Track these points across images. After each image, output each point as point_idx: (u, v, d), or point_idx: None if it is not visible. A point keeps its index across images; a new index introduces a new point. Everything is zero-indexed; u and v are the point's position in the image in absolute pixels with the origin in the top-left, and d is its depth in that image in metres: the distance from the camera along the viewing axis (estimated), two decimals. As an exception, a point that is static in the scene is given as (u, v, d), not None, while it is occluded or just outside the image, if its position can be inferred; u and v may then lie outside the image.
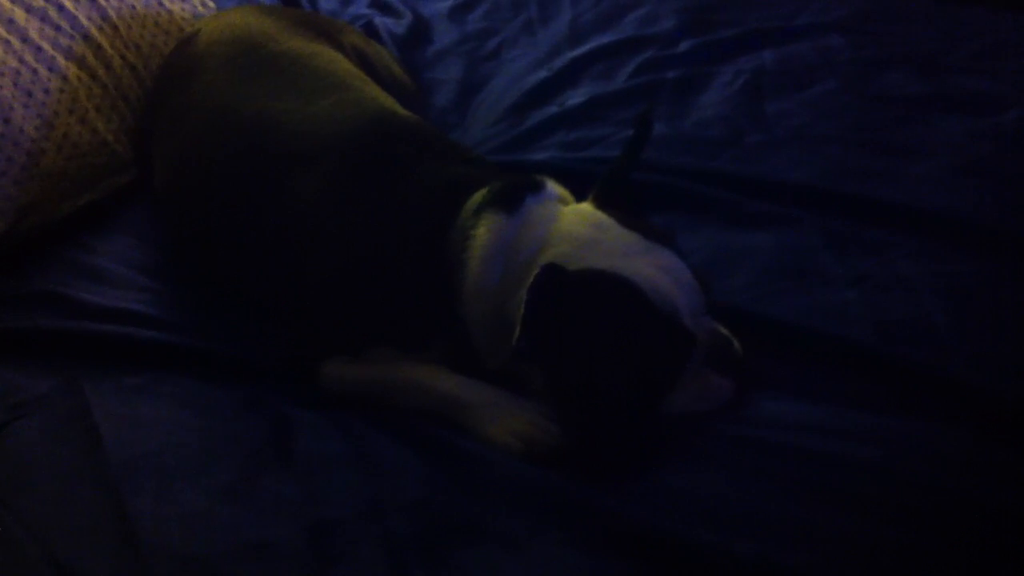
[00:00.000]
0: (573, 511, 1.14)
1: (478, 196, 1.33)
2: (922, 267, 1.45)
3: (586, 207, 1.35)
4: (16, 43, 1.55)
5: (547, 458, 1.22)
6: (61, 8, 1.63)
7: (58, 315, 1.39)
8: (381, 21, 2.04)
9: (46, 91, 1.55)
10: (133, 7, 1.74)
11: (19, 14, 1.58)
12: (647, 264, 1.26)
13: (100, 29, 1.67)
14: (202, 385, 1.31)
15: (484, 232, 1.29)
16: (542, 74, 1.90)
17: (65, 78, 1.59)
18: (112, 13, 1.70)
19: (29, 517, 1.12)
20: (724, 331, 1.32)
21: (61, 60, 1.59)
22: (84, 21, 1.65)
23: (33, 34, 1.58)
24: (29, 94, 1.53)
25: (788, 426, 1.25)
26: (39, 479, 1.18)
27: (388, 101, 1.51)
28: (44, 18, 1.61)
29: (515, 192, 1.32)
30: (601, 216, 1.32)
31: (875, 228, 1.53)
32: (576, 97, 1.84)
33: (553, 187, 1.37)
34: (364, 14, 2.07)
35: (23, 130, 1.51)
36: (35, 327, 1.37)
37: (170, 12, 1.80)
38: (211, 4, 1.88)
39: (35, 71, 1.55)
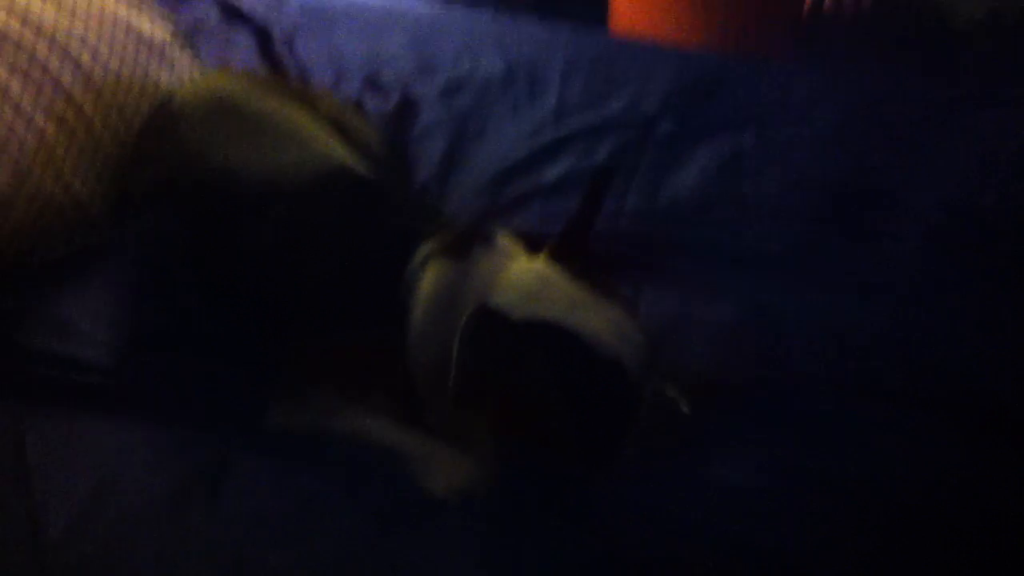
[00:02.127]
0: (506, 557, 1.15)
1: (428, 245, 1.33)
2: (886, 335, 1.45)
3: (537, 261, 1.35)
4: (-5, 99, 1.59)
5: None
6: (45, 70, 1.67)
7: (11, 360, 1.40)
8: (371, 98, 2.07)
9: (21, 146, 1.58)
10: (119, 74, 1.78)
11: (1, 73, 1.61)
12: (592, 318, 1.25)
13: (84, 92, 1.70)
14: (144, 428, 1.31)
15: (429, 280, 1.29)
16: (523, 150, 1.92)
17: (42, 135, 1.61)
18: (97, 78, 1.74)
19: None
20: (672, 391, 1.30)
21: (40, 118, 1.62)
22: (67, 83, 1.68)
23: (14, 92, 1.61)
24: (3, 148, 1.56)
25: (729, 489, 1.25)
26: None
27: (352, 159, 1.53)
28: (27, 78, 1.64)
29: (463, 242, 1.33)
30: (550, 270, 1.32)
31: (840, 297, 1.53)
32: (555, 171, 1.86)
33: (504, 239, 1.37)
34: (355, 91, 2.10)
35: (-6, 182, 1.54)
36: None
37: (156, 81, 1.83)
38: (197, 75, 1.91)
39: (12, 127, 1.58)
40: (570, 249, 1.38)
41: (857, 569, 1.20)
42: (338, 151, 1.54)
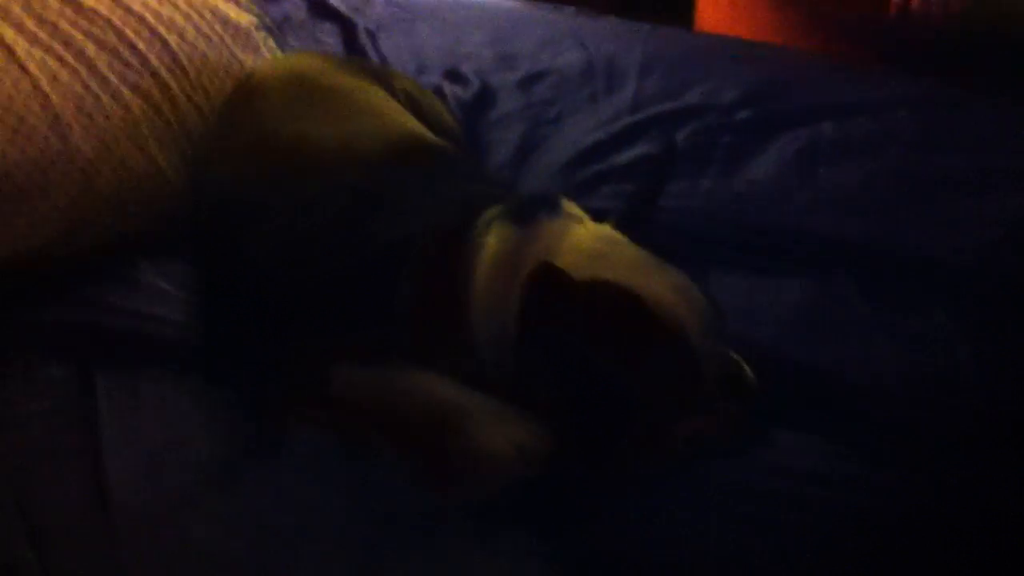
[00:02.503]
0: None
1: (494, 210, 1.34)
2: (959, 323, 1.42)
3: (602, 226, 1.35)
4: (83, 72, 1.64)
5: (536, 465, 1.21)
6: (133, 48, 1.73)
7: (88, 313, 1.45)
8: (450, 88, 2.10)
9: (107, 117, 1.64)
10: (205, 55, 1.83)
11: (91, 48, 1.67)
12: (656, 281, 1.25)
13: (170, 71, 1.75)
14: (208, 388, 1.35)
15: (493, 243, 1.30)
16: (598, 136, 1.93)
17: (128, 108, 1.67)
18: (184, 59, 1.79)
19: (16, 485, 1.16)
20: (736, 357, 1.29)
21: (126, 92, 1.68)
22: (154, 62, 1.74)
23: (102, 66, 1.67)
24: (90, 117, 1.62)
25: (791, 473, 1.24)
26: (32, 452, 1.22)
27: (422, 130, 1.55)
28: (115, 54, 1.70)
29: (529, 207, 1.34)
30: (615, 234, 1.33)
31: (914, 284, 1.51)
32: (629, 155, 1.86)
33: (570, 207, 1.38)
34: (435, 83, 2.13)
35: (80, 150, 1.59)
36: (64, 321, 1.43)
37: (241, 63, 1.88)
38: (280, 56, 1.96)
39: (98, 97, 1.64)
40: (636, 219, 1.39)
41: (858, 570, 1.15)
42: (411, 123, 1.57)
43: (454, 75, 2.17)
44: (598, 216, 1.42)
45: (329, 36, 2.29)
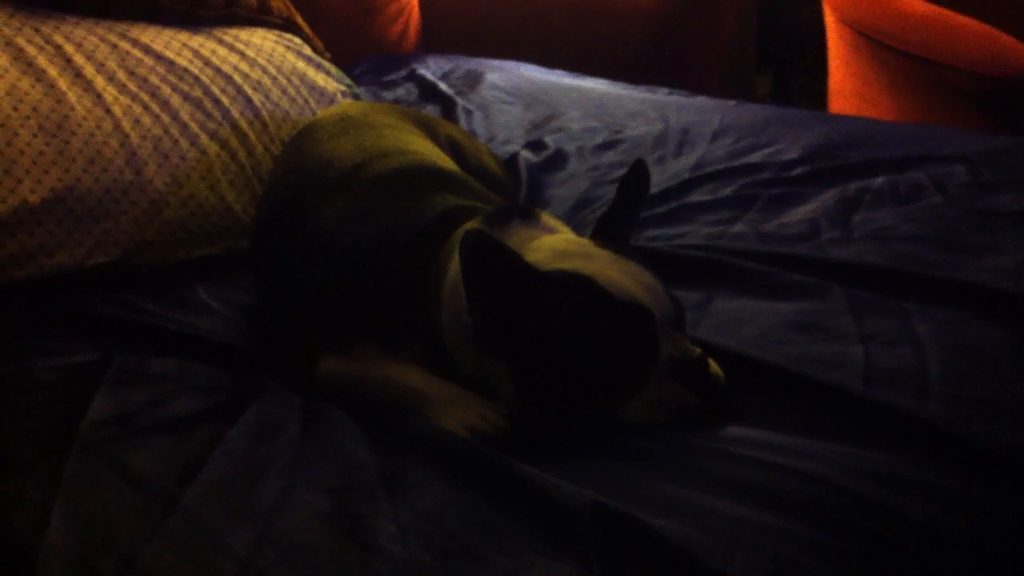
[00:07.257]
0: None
1: (477, 218, 1.43)
2: (937, 330, 1.40)
3: (575, 236, 1.42)
4: (165, 119, 1.85)
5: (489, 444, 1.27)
6: (216, 101, 1.93)
7: (121, 310, 1.61)
8: (526, 153, 2.21)
9: (182, 158, 1.83)
10: (287, 112, 2.02)
11: (175, 99, 1.89)
12: (616, 270, 1.30)
13: (250, 123, 1.95)
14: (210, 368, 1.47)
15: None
16: (652, 191, 1.98)
17: (204, 152, 1.86)
18: (265, 114, 1.99)
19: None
20: (698, 350, 1.31)
21: (204, 138, 1.88)
22: (235, 114, 1.94)
23: (184, 115, 1.88)
24: (166, 156, 1.81)
25: (749, 443, 1.23)
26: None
27: (446, 162, 1.66)
28: (198, 106, 1.91)
29: (506, 213, 1.42)
30: (583, 240, 1.38)
31: (908, 300, 1.48)
32: (672, 204, 1.91)
33: (548, 220, 1.45)
34: (516, 151, 2.25)
35: (151, 182, 1.78)
36: (98, 313, 1.59)
37: (321, 120, 2.06)
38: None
39: (176, 141, 1.84)
40: (613, 235, 1.44)
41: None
42: (435, 155, 1.68)
43: (534, 144, 2.29)
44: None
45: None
